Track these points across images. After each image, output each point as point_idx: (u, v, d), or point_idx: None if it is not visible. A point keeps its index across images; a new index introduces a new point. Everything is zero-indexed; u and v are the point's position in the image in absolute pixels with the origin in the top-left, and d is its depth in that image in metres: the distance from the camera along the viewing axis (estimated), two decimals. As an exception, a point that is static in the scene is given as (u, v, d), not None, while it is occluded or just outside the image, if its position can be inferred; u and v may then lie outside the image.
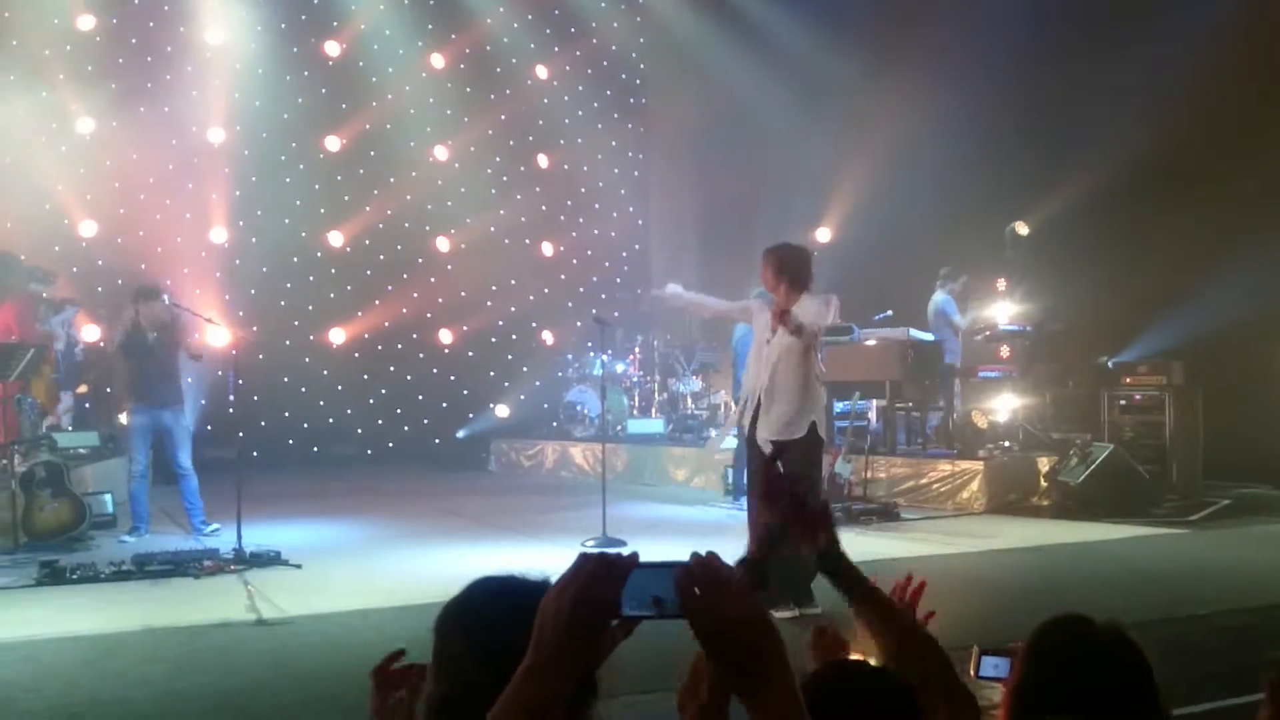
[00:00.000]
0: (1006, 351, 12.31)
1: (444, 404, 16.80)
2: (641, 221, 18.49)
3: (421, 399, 16.62)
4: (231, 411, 11.27)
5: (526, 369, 17.02)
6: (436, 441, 16.51)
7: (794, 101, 15.18)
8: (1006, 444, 11.77)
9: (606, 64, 18.07)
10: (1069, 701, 1.86)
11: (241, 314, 13.98)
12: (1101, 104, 12.56)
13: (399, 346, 16.48)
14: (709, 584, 1.23)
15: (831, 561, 2.09)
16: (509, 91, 17.29)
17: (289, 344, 15.48)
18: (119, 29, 14.67)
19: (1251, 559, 8.40)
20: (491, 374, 16.99)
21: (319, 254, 16.01)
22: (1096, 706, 1.85)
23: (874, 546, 8.37)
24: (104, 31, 14.47)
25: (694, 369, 14.88)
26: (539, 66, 17.45)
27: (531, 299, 17.28)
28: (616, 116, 18.16)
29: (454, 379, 16.90)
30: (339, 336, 16.04)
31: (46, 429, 9.93)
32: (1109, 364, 12.30)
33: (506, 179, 17.16)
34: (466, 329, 16.85)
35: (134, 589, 7.30)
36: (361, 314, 16.14)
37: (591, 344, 14.67)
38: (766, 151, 15.50)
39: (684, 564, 1.24)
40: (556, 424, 15.59)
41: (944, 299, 12.44)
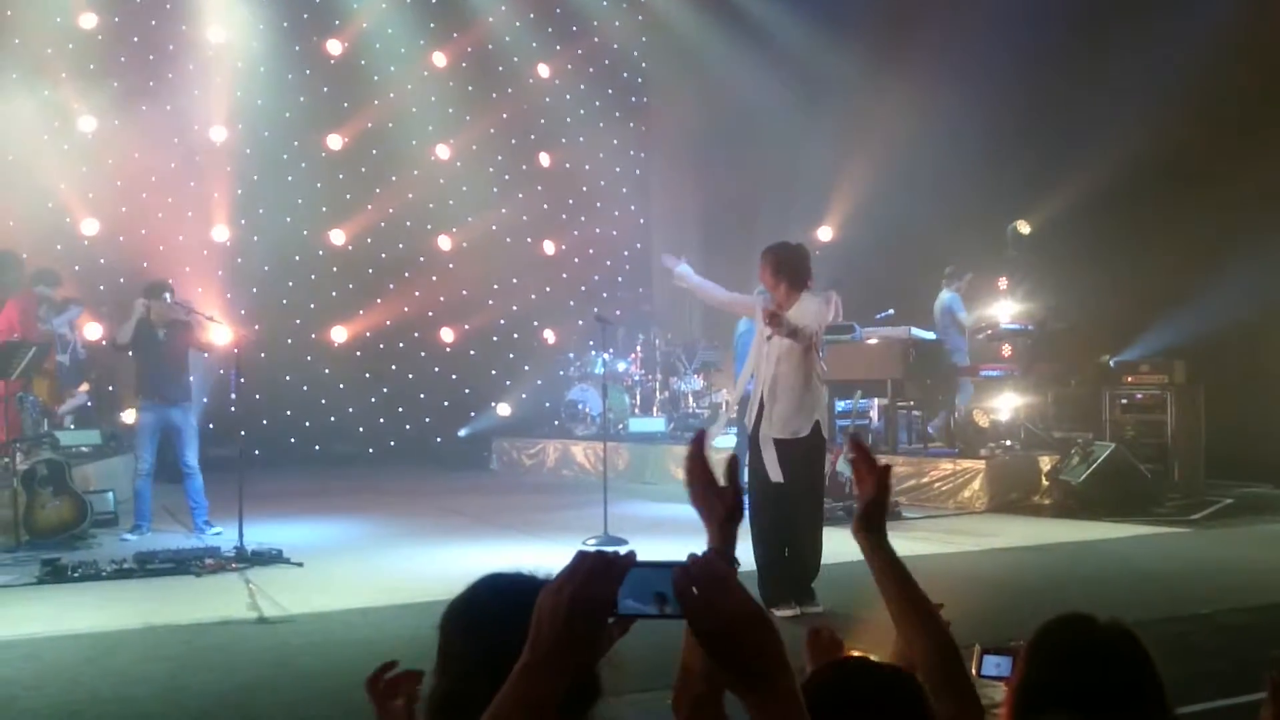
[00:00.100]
0: (1008, 350, 12.30)
1: (445, 403, 16.78)
2: (643, 220, 18.47)
3: (423, 397, 16.60)
4: (233, 410, 11.29)
5: (528, 368, 17.00)
6: (438, 440, 16.51)
7: (795, 101, 15.19)
8: (1008, 443, 11.77)
9: (608, 63, 18.05)
10: (1071, 700, 1.86)
11: (243, 312, 13.96)
12: (1101, 104, 12.56)
13: (401, 345, 16.46)
14: (707, 583, 1.23)
15: (873, 518, 1.97)
16: (510, 90, 17.28)
17: (291, 342, 15.48)
18: (121, 27, 14.67)
19: (1253, 558, 8.41)
20: (493, 373, 16.97)
21: (321, 252, 16.00)
22: (1099, 705, 1.85)
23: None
24: (106, 30, 14.47)
25: (696, 368, 14.88)
26: (540, 65, 17.44)
27: (533, 298, 17.27)
28: (618, 115, 18.14)
29: (455, 378, 16.88)
30: (341, 335, 16.03)
31: (49, 427, 9.94)
32: (1111, 363, 12.30)
33: (508, 178, 17.14)
34: (468, 327, 16.84)
35: (135, 587, 7.31)
36: (363, 312, 16.13)
37: (593, 342, 14.66)
38: (767, 150, 15.50)
39: (682, 563, 1.24)
40: (558, 423, 15.55)
41: (951, 297, 12.42)
